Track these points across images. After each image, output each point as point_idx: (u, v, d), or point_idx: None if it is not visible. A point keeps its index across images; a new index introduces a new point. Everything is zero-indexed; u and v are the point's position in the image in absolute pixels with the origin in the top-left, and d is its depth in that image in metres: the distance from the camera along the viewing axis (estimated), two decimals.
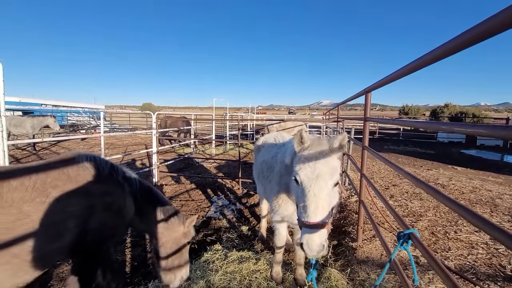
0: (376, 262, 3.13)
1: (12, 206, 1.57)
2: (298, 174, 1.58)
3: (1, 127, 3.29)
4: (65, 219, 1.76)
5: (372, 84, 2.99)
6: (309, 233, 1.47)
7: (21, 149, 11.46)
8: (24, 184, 1.67)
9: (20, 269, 1.60)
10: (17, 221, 1.56)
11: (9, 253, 1.53)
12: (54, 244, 1.73)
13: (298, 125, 10.23)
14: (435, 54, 1.33)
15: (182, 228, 2.51)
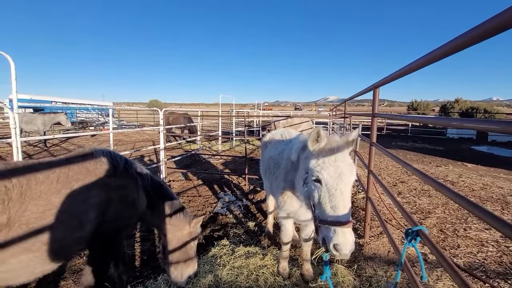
0: (384, 259, 3.13)
1: (41, 197, 1.66)
2: (320, 173, 1.53)
3: (14, 124, 3.39)
4: (86, 210, 1.86)
5: (380, 80, 2.96)
6: (342, 232, 1.43)
7: (33, 146, 11.74)
8: (49, 177, 1.77)
9: (48, 256, 1.70)
10: (46, 211, 1.66)
11: (39, 241, 1.63)
12: (76, 233, 1.82)
13: (305, 121, 10.16)
14: (445, 49, 1.31)
15: (188, 227, 2.57)
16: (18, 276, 1.66)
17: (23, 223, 1.57)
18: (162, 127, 6.61)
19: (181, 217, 2.55)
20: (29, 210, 1.61)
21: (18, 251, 1.56)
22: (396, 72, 2.31)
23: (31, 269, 1.68)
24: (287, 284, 2.71)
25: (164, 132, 6.69)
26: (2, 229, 1.50)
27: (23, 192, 1.62)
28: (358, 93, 4.18)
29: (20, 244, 1.56)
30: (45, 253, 1.68)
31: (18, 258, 1.57)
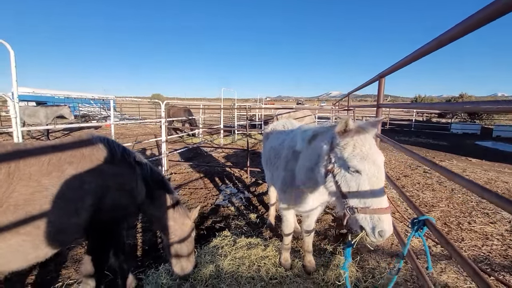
0: (386, 252, 3.10)
1: (30, 179, 1.61)
2: (360, 163, 1.49)
3: (15, 113, 3.36)
4: (81, 196, 1.80)
5: (386, 69, 2.88)
6: (386, 218, 1.45)
7: (36, 138, 11.78)
8: (40, 159, 1.72)
9: (40, 241, 1.65)
10: (35, 193, 1.61)
11: (30, 224, 1.58)
12: (71, 219, 1.77)
13: (307, 115, 10.07)
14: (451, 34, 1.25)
15: (188, 220, 2.54)
16: (11, 260, 1.61)
17: (11, 204, 1.53)
18: (164, 119, 6.57)
19: (181, 209, 2.53)
20: (17, 191, 1.56)
21: (10, 234, 1.52)
22: (403, 59, 2.24)
23: (23, 254, 1.63)
24: (289, 275, 2.69)
25: (166, 124, 6.65)
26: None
27: (11, 171, 1.57)
28: (363, 84, 4.09)
29: (9, 225, 1.52)
30: (36, 237, 1.63)
31: (9, 241, 1.53)
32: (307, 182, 2.14)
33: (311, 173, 1.99)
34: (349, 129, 1.56)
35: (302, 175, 2.15)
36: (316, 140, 1.91)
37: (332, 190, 1.65)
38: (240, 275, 2.59)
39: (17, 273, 2.54)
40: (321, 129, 1.91)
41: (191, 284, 2.48)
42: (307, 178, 2.10)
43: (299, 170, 2.18)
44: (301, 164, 2.13)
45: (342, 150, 1.57)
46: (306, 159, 2.02)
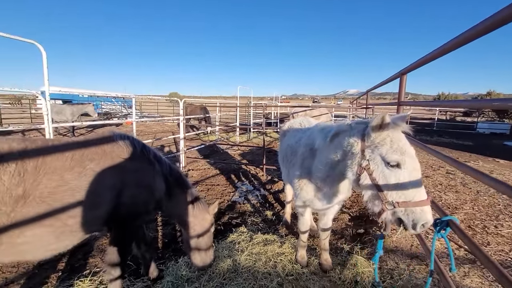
0: (406, 253, 3.03)
1: (54, 173, 1.70)
2: (401, 157, 1.51)
3: (46, 110, 3.58)
4: (101, 191, 1.88)
5: (408, 66, 2.80)
6: (428, 210, 1.47)
7: (62, 135, 12.44)
8: (65, 154, 1.80)
9: (62, 232, 1.74)
10: (58, 187, 1.69)
11: (52, 216, 1.67)
12: (91, 212, 1.85)
13: (324, 114, 9.94)
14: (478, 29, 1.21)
15: (208, 215, 2.59)
16: (35, 249, 1.70)
17: (36, 196, 1.61)
18: (182, 117, 6.73)
19: (200, 205, 2.58)
20: (42, 184, 1.64)
21: (34, 225, 1.61)
22: (427, 55, 2.18)
23: (46, 244, 1.72)
24: (305, 272, 2.70)
25: (184, 122, 6.81)
26: (18, 201, 1.55)
27: (38, 165, 1.66)
28: (383, 81, 4.00)
29: (34, 216, 1.61)
30: (59, 229, 1.71)
31: (33, 231, 1.62)
32: (326, 179, 2.14)
33: (332, 171, 1.99)
34: (385, 124, 1.55)
35: (320, 172, 2.15)
36: (339, 137, 1.90)
37: (366, 187, 1.64)
38: (256, 270, 2.63)
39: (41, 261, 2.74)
40: (344, 126, 1.90)
41: (209, 277, 2.55)
42: (326, 175, 2.10)
43: (317, 168, 2.18)
44: (320, 161, 2.12)
45: (380, 146, 1.57)
46: (327, 157, 2.01)
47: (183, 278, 2.57)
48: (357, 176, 1.69)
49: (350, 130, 1.81)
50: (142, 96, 7.69)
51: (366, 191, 1.67)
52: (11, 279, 2.63)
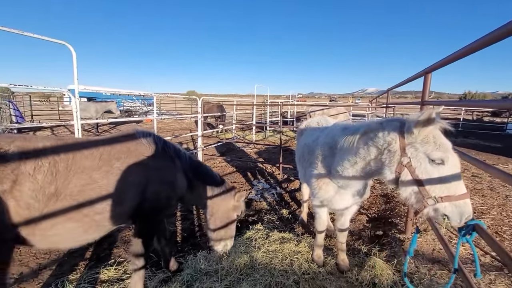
0: (427, 257, 2.94)
1: (84, 172, 1.80)
2: (445, 154, 1.55)
3: (76, 108, 3.80)
4: (126, 188, 1.97)
5: (433, 64, 2.71)
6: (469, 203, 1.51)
7: (87, 131, 13.07)
8: (93, 154, 1.90)
9: (89, 227, 1.86)
10: (87, 185, 1.80)
11: (81, 212, 1.78)
12: (117, 208, 1.95)
13: (342, 113, 9.76)
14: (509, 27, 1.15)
15: (232, 201, 2.64)
16: (65, 241, 1.85)
17: (67, 194, 1.72)
18: (200, 115, 6.87)
19: (224, 192, 2.63)
20: (72, 183, 1.74)
21: (64, 219, 1.73)
22: (455, 53, 2.10)
23: (75, 236, 1.85)
24: (322, 271, 2.70)
25: (201, 120, 6.95)
26: (51, 198, 1.66)
27: (68, 165, 1.76)
28: (406, 80, 3.88)
29: (65, 213, 1.72)
30: (87, 223, 1.83)
31: (64, 225, 1.74)
32: (350, 179, 2.13)
33: (359, 170, 1.99)
34: (431, 120, 1.55)
35: (345, 172, 2.13)
36: (369, 136, 1.88)
37: (407, 184, 1.66)
38: (273, 267, 2.66)
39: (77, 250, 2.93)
40: (374, 124, 1.88)
41: (227, 271, 2.62)
42: (351, 175, 2.09)
43: (341, 167, 2.16)
44: (345, 161, 2.09)
45: (423, 143, 1.59)
46: (354, 156, 1.98)
47: (202, 271, 2.65)
48: (396, 173, 1.69)
49: (382, 128, 1.80)
50: (162, 95, 7.91)
51: (405, 188, 1.67)
52: (44, 265, 2.83)
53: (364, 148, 1.90)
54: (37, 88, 3.82)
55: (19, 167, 1.57)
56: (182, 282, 2.51)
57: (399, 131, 1.69)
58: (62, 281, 2.53)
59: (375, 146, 1.82)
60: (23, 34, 3.42)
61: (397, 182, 1.71)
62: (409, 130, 1.62)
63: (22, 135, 1.80)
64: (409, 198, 1.67)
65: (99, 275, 2.63)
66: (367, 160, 1.90)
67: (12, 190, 1.52)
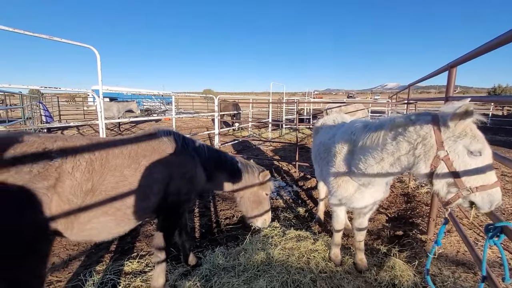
0: (451, 259, 2.83)
1: (116, 169, 1.93)
2: (483, 145, 1.58)
3: (100, 108, 3.99)
4: (151, 184, 2.09)
5: (458, 58, 2.59)
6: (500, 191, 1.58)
7: (110, 130, 13.65)
8: (123, 153, 2.03)
9: (121, 220, 1.99)
10: (119, 182, 1.93)
11: (114, 206, 1.91)
12: (143, 203, 2.08)
13: (360, 109, 9.52)
14: None
15: (257, 181, 2.82)
16: (99, 233, 1.97)
17: (102, 191, 1.85)
18: (217, 113, 6.97)
19: (247, 174, 2.78)
20: (107, 180, 1.87)
21: (99, 213, 1.85)
22: (481, 46, 1.99)
23: (108, 229, 1.98)
24: (339, 270, 2.67)
25: (218, 118, 7.05)
26: (88, 194, 1.79)
27: (103, 163, 1.89)
28: (429, 74, 3.72)
29: (100, 207, 1.85)
30: (119, 217, 1.96)
31: (99, 219, 1.87)
32: (374, 176, 2.10)
33: (386, 167, 1.97)
34: (470, 113, 1.54)
35: (368, 169, 2.10)
36: (396, 131, 1.86)
37: (442, 176, 1.67)
38: (290, 265, 2.67)
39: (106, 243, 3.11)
40: (402, 120, 1.85)
41: (244, 267, 2.66)
42: (376, 172, 2.06)
43: (361, 164, 2.15)
44: (369, 158, 2.07)
45: (462, 136, 1.59)
46: (382, 152, 1.96)
47: (220, 266, 2.71)
48: (431, 167, 1.69)
49: (412, 122, 1.77)
50: (178, 93, 8.11)
51: (440, 181, 1.68)
52: (74, 256, 3.02)
53: (393, 144, 1.87)
54: (65, 89, 4.05)
55: (61, 165, 1.69)
56: (201, 276, 2.59)
57: (433, 125, 1.67)
58: (90, 271, 2.69)
59: (406, 141, 1.79)
60: (51, 39, 3.64)
61: (431, 176, 1.72)
62: (446, 124, 1.61)
63: (62, 136, 1.93)
64: (442, 190, 1.70)
65: (123, 267, 2.77)
66: (397, 156, 1.88)
67: (56, 186, 1.64)
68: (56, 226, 1.69)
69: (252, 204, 2.85)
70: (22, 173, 1.53)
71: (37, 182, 1.56)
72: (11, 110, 11.69)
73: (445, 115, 1.62)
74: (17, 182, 1.50)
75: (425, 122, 1.71)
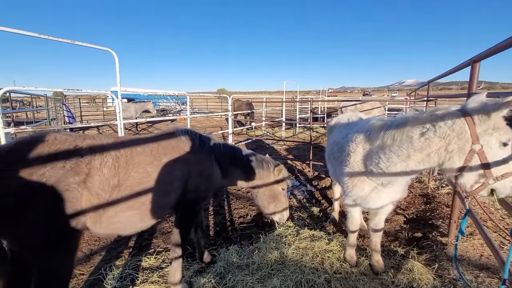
0: (474, 263, 2.72)
1: (140, 166, 2.02)
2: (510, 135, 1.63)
3: (119, 109, 4.13)
4: (172, 181, 2.16)
5: (482, 52, 2.46)
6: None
7: (128, 130, 14.10)
8: (145, 150, 2.12)
9: (145, 215, 2.07)
10: (143, 178, 2.01)
11: (139, 201, 1.99)
12: (165, 199, 2.16)
13: (376, 107, 9.28)
14: None
15: (272, 177, 2.84)
16: (125, 227, 2.08)
17: (128, 186, 1.94)
18: (231, 113, 7.03)
19: (262, 170, 2.81)
20: (131, 176, 1.96)
21: (125, 208, 1.94)
22: (507, 40, 1.89)
23: (133, 223, 2.08)
24: (354, 271, 2.63)
25: (232, 117, 7.11)
26: (114, 189, 1.88)
27: (128, 160, 1.98)
28: (450, 70, 3.57)
29: (126, 202, 1.94)
30: (143, 211, 2.04)
31: (125, 213, 1.96)
32: (397, 174, 2.07)
33: (414, 164, 1.94)
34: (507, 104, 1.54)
35: (391, 167, 2.07)
36: (424, 127, 1.84)
37: (473, 169, 1.70)
38: (303, 265, 2.66)
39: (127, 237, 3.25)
40: (430, 116, 1.84)
41: (258, 266, 2.68)
42: (398, 170, 2.03)
43: (382, 163, 2.11)
44: (391, 156, 2.03)
45: (496, 128, 1.63)
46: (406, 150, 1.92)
47: (234, 264, 2.74)
48: (465, 161, 1.69)
49: (440, 118, 1.76)
50: (194, 94, 8.24)
51: (470, 173, 1.72)
52: (95, 251, 3.16)
53: (421, 141, 1.84)
54: (86, 91, 4.23)
55: (90, 161, 1.80)
56: (215, 273, 2.63)
57: (467, 119, 1.66)
58: (110, 266, 2.81)
59: (438, 137, 1.77)
60: (73, 43, 3.80)
61: (461, 170, 1.73)
62: (482, 117, 1.62)
63: (89, 134, 2.04)
64: (470, 182, 1.74)
65: (141, 263, 2.86)
66: (426, 152, 1.85)
67: (86, 181, 1.74)
68: (86, 219, 1.78)
69: (268, 199, 2.86)
70: (56, 168, 1.63)
71: (69, 177, 1.66)
72: (37, 111, 12.35)
73: (480, 108, 1.63)
74: (53, 176, 1.60)
75: (457, 116, 1.70)
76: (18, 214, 1.52)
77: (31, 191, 1.55)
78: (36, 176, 1.56)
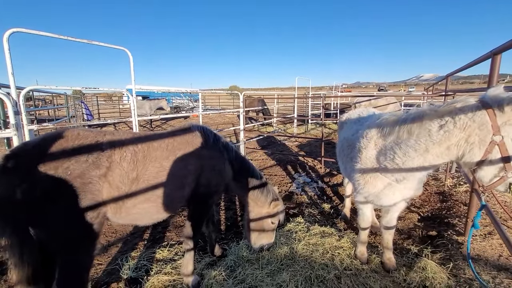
0: (492, 263, 2.63)
1: (156, 160, 2.09)
2: None
3: (133, 106, 4.25)
4: (186, 175, 2.24)
5: (503, 44, 2.35)
6: None
7: (142, 126, 14.47)
8: (161, 145, 2.19)
9: (160, 207, 2.15)
10: (159, 172, 2.09)
11: (155, 194, 2.07)
12: (179, 192, 2.23)
13: (391, 103, 9.01)
14: None
15: (266, 206, 2.79)
16: (142, 218, 2.18)
17: (145, 179, 2.02)
18: (242, 109, 7.05)
19: (261, 195, 2.77)
20: (149, 170, 2.04)
21: (142, 200, 2.03)
22: None
23: (150, 215, 2.17)
24: (365, 269, 2.61)
25: (243, 114, 7.14)
26: (133, 182, 1.96)
27: (145, 155, 2.06)
28: (469, 64, 3.43)
29: (143, 195, 2.02)
30: (159, 204, 2.12)
31: (142, 205, 2.04)
32: (415, 170, 2.04)
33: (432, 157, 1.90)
34: None
35: (407, 162, 2.03)
36: (443, 120, 1.80)
37: (493, 162, 1.68)
38: (313, 260, 2.67)
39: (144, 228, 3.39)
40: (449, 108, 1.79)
41: (268, 261, 2.71)
42: (415, 165, 2.00)
43: (397, 159, 2.08)
44: (407, 150, 1.99)
45: None
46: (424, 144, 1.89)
47: (244, 258, 2.79)
48: (485, 153, 1.67)
49: (460, 110, 1.72)
50: (206, 91, 8.32)
51: (490, 167, 1.69)
52: (112, 242, 3.30)
53: (440, 133, 1.80)
54: (103, 89, 4.38)
55: (111, 156, 1.89)
56: (226, 267, 2.69)
57: (488, 110, 1.63)
58: (126, 257, 2.93)
59: (458, 128, 1.73)
60: (90, 43, 3.94)
61: (481, 163, 1.71)
62: (503, 109, 1.58)
63: (109, 130, 2.13)
64: (489, 176, 1.72)
65: (155, 255, 2.97)
66: (446, 145, 1.81)
67: (107, 175, 1.83)
68: (107, 210, 1.88)
69: (254, 227, 2.80)
70: (80, 162, 1.73)
71: (92, 170, 1.76)
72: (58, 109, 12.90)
73: (502, 99, 1.58)
74: (77, 170, 1.70)
75: (477, 108, 1.66)
76: (45, 205, 1.61)
77: (57, 184, 1.64)
78: (61, 170, 1.65)
